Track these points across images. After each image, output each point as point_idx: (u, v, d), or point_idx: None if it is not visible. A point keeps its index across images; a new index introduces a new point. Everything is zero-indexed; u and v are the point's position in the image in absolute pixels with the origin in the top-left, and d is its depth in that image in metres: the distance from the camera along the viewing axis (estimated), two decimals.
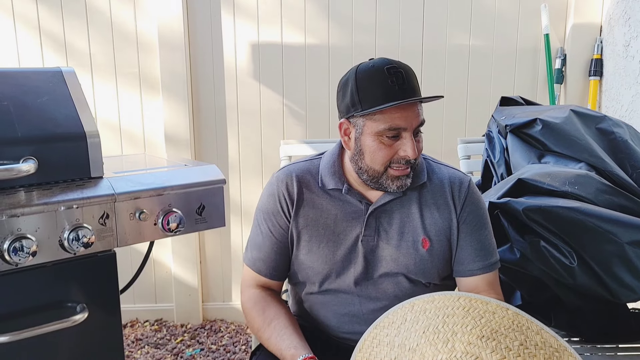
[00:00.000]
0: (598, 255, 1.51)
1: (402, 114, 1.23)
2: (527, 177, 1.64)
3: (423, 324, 0.99)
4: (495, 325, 0.97)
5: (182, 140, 2.74)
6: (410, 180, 1.30)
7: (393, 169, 1.27)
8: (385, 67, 1.23)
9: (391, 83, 1.22)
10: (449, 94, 2.80)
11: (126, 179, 1.28)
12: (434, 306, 1.02)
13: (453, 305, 1.01)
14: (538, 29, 2.74)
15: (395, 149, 1.25)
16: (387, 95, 1.21)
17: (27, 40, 2.64)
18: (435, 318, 0.99)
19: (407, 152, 1.24)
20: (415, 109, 1.25)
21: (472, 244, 1.35)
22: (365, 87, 1.24)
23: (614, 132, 1.83)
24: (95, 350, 1.27)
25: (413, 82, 1.25)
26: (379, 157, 1.26)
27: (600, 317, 1.63)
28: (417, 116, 1.25)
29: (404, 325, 1.02)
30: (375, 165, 1.27)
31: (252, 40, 2.73)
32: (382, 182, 1.29)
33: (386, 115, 1.23)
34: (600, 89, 2.70)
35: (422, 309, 1.03)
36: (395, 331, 1.02)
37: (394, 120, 1.23)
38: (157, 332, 2.87)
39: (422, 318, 1.01)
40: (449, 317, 0.99)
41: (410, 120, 1.24)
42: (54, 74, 1.30)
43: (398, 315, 1.05)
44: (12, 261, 1.09)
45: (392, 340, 1.00)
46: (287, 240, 1.38)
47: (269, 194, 1.40)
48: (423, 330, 0.98)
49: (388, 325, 1.04)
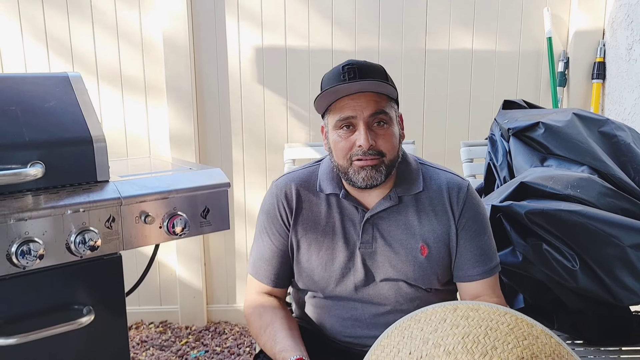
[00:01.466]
0: (600, 259, 1.51)
1: (352, 103, 1.25)
2: (530, 180, 1.65)
3: (464, 330, 0.97)
4: (537, 350, 0.94)
5: (186, 144, 2.76)
6: (380, 175, 1.27)
7: (355, 160, 1.27)
8: (342, 66, 1.27)
9: (342, 78, 1.25)
10: (452, 97, 2.81)
11: (132, 182, 1.29)
12: (477, 315, 1.00)
13: (498, 320, 0.99)
14: (541, 32, 2.75)
15: (352, 141, 1.26)
16: (336, 89, 1.25)
17: (33, 46, 2.66)
18: (477, 327, 0.97)
19: (360, 142, 1.24)
20: (368, 99, 1.25)
21: (471, 249, 1.34)
22: (324, 84, 1.30)
23: (616, 135, 1.84)
24: (101, 352, 1.28)
25: (367, 75, 1.25)
26: (339, 149, 1.28)
27: (603, 320, 1.63)
28: (368, 105, 1.25)
29: (442, 325, 1.00)
30: (339, 160, 1.30)
31: (256, 45, 2.75)
32: (351, 176, 1.29)
33: (338, 107, 1.27)
34: (603, 92, 2.70)
35: (465, 315, 1.01)
36: (431, 328, 1.00)
37: (342, 111, 1.26)
38: (162, 334, 2.89)
39: (464, 323, 0.99)
40: (492, 330, 0.97)
41: (360, 109, 1.25)
42: (61, 79, 1.31)
43: (438, 314, 1.02)
44: (19, 264, 1.10)
45: (426, 336, 0.98)
46: (288, 248, 1.38)
47: (269, 202, 1.41)
48: (462, 336, 0.96)
49: (424, 321, 1.02)
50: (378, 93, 1.26)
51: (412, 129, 2.81)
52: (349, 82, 1.23)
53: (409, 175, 1.36)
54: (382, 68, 1.31)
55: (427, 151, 2.80)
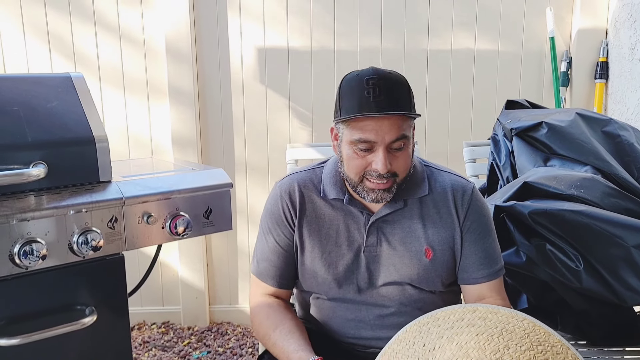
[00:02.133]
0: (604, 259, 1.51)
1: (374, 127, 1.19)
2: (533, 180, 1.64)
3: (479, 329, 0.99)
4: (550, 357, 0.95)
5: (189, 144, 2.76)
6: (390, 194, 1.26)
7: (368, 181, 1.25)
8: (365, 78, 1.21)
9: (367, 94, 1.19)
10: (454, 98, 2.81)
11: (134, 183, 1.29)
12: (495, 317, 1.02)
13: (515, 324, 1.00)
14: (543, 32, 2.74)
15: (368, 160, 1.23)
16: (360, 106, 1.19)
17: (36, 46, 2.67)
18: (493, 327, 0.99)
19: (377, 166, 1.21)
20: (390, 123, 1.19)
21: (476, 252, 1.34)
22: (345, 95, 1.24)
23: (619, 135, 1.83)
24: (103, 353, 1.28)
25: (392, 95, 1.20)
26: (353, 166, 1.25)
27: (607, 321, 1.63)
28: (390, 131, 1.20)
29: (459, 323, 1.02)
30: (350, 174, 1.27)
31: (258, 45, 2.75)
32: (360, 191, 1.28)
33: (359, 126, 1.21)
34: (606, 92, 2.70)
35: (483, 316, 1.02)
36: (448, 325, 1.02)
37: (364, 132, 1.20)
38: (164, 334, 2.89)
39: (480, 323, 1.00)
40: (507, 332, 0.98)
41: (382, 134, 1.19)
42: (64, 80, 1.31)
43: (456, 314, 1.05)
44: (22, 264, 1.10)
45: (441, 332, 1.01)
46: (292, 249, 1.38)
47: (273, 203, 1.40)
48: (477, 334, 0.98)
49: (442, 319, 1.05)
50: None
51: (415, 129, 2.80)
52: (375, 113, 1.17)
53: (414, 178, 1.35)
54: (406, 84, 1.25)
55: (430, 151, 2.79)
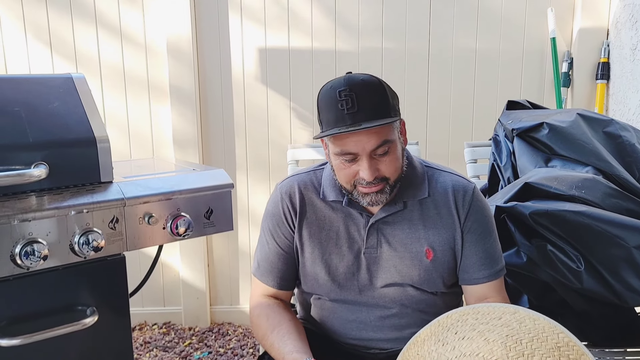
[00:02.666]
0: (605, 259, 1.50)
1: (352, 139, 1.19)
2: (534, 181, 1.64)
3: (511, 330, 1.01)
4: None
5: (190, 145, 2.76)
6: (385, 195, 1.26)
7: (360, 187, 1.25)
8: (337, 90, 1.19)
9: (340, 107, 1.18)
10: (455, 98, 2.81)
11: (135, 183, 1.29)
12: (532, 324, 1.02)
13: (549, 335, 1.00)
14: (545, 32, 2.74)
15: (355, 170, 1.23)
16: (336, 120, 1.19)
17: (37, 47, 2.67)
18: (526, 333, 1.00)
19: (363, 175, 1.21)
20: (368, 134, 1.18)
21: (477, 253, 1.33)
22: (322, 109, 1.24)
23: (621, 135, 1.83)
24: (105, 353, 1.28)
25: (365, 105, 1.18)
26: (342, 176, 1.26)
27: (608, 321, 1.63)
28: (369, 140, 1.19)
29: (495, 321, 1.04)
30: (342, 183, 1.28)
31: (259, 45, 2.75)
32: (355, 197, 1.28)
33: (338, 140, 1.21)
34: (607, 93, 2.69)
35: (520, 320, 1.03)
36: (484, 320, 1.05)
37: (344, 146, 1.20)
38: (165, 335, 2.89)
39: (515, 326, 1.02)
40: (538, 340, 0.99)
41: (361, 145, 1.19)
42: (65, 80, 1.31)
43: (496, 312, 1.06)
44: (23, 265, 1.10)
45: (476, 324, 1.04)
46: (293, 250, 1.38)
47: (273, 205, 1.40)
48: (507, 334, 0.99)
49: (482, 313, 1.07)
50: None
51: (416, 130, 2.81)
52: (351, 129, 1.16)
53: (414, 179, 1.35)
54: (380, 88, 1.22)
55: (431, 152, 2.79)
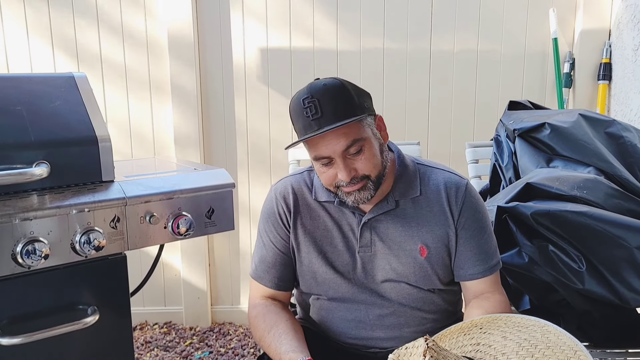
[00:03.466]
0: (607, 260, 1.50)
1: (322, 143, 1.22)
2: (536, 181, 1.64)
3: (530, 336, 1.03)
4: None
5: (191, 144, 2.76)
6: (369, 192, 1.26)
7: (342, 187, 1.26)
8: (302, 99, 1.22)
9: (306, 115, 1.21)
10: (457, 98, 2.80)
11: (137, 182, 1.29)
12: (555, 338, 1.03)
13: (565, 349, 1.00)
14: (546, 33, 2.74)
15: (333, 172, 1.25)
16: (305, 128, 1.22)
17: (39, 46, 2.67)
18: (544, 342, 1.02)
19: (341, 177, 1.23)
20: (336, 136, 1.20)
21: (472, 249, 1.33)
22: (293, 119, 1.27)
23: (623, 136, 1.83)
24: (105, 353, 1.28)
25: (327, 110, 1.20)
26: (324, 179, 1.28)
27: (609, 322, 1.62)
28: (338, 142, 1.20)
29: (524, 329, 1.06)
30: (326, 185, 1.30)
31: (261, 45, 2.75)
32: (341, 197, 1.29)
33: (310, 146, 1.24)
34: (609, 93, 2.69)
35: (545, 332, 1.05)
36: (512, 324, 1.08)
37: (317, 151, 1.23)
38: (166, 334, 2.89)
39: (537, 335, 1.04)
40: (552, 350, 0.99)
41: (332, 147, 1.21)
42: (66, 79, 1.32)
43: (528, 322, 1.09)
44: (24, 264, 1.10)
45: (503, 327, 1.08)
46: (289, 251, 1.39)
47: (268, 206, 1.42)
48: (525, 338, 1.03)
49: (514, 322, 1.10)
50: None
51: (417, 130, 2.81)
52: (316, 133, 1.18)
53: (406, 178, 1.35)
54: (342, 89, 1.23)
55: (432, 152, 2.79)
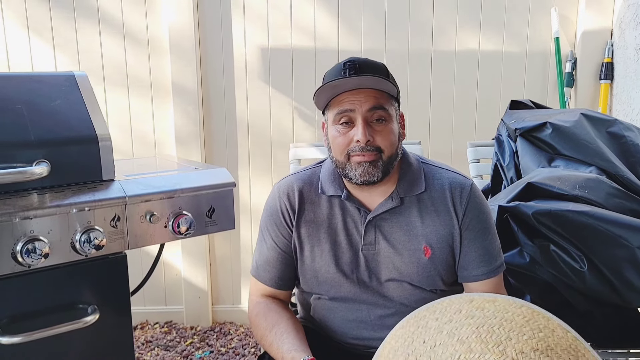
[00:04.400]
0: (608, 260, 1.50)
1: (350, 98, 1.25)
2: (537, 180, 1.64)
3: (478, 320, 0.98)
4: (552, 343, 0.94)
5: (192, 143, 2.76)
6: (377, 170, 1.26)
7: (353, 156, 1.27)
8: (343, 62, 1.27)
9: (343, 73, 1.25)
10: (458, 98, 2.80)
11: (137, 181, 1.29)
12: (493, 306, 1.00)
13: (514, 312, 0.99)
14: (548, 32, 2.73)
15: (350, 136, 1.26)
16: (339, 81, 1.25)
17: (40, 45, 2.67)
18: (492, 318, 0.98)
19: (357, 137, 1.24)
20: (367, 94, 1.25)
21: (476, 249, 1.33)
22: (324, 80, 1.30)
23: (624, 135, 1.82)
24: (106, 352, 1.28)
25: (366, 69, 1.25)
26: (337, 144, 1.28)
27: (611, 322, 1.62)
28: (367, 100, 1.25)
29: (457, 315, 1.00)
30: (337, 155, 1.29)
31: (262, 45, 2.75)
32: (348, 172, 1.28)
33: (337, 101, 1.27)
34: (611, 93, 2.68)
35: (480, 306, 1.01)
36: (446, 319, 1.00)
37: (341, 104, 1.26)
38: (166, 334, 2.89)
39: (479, 314, 0.99)
40: (507, 321, 0.97)
41: (359, 104, 1.25)
42: (67, 78, 1.31)
43: (453, 305, 1.03)
44: (25, 263, 1.10)
45: (440, 326, 0.99)
46: (291, 250, 1.38)
47: (271, 204, 1.41)
48: (477, 326, 0.96)
49: (439, 311, 1.03)
50: (378, 90, 1.26)
51: (419, 129, 2.80)
52: (348, 77, 1.23)
53: (410, 175, 1.35)
54: (384, 66, 1.30)
55: (434, 151, 2.79)
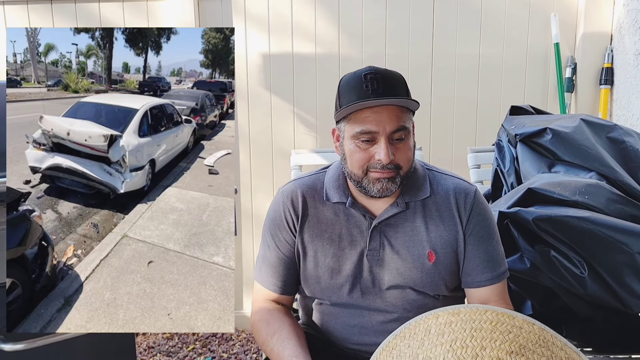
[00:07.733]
0: (609, 265, 1.50)
1: (374, 117, 1.22)
2: (537, 186, 1.64)
3: (449, 337, 0.97)
4: (523, 341, 0.95)
5: None
6: (395, 185, 1.26)
7: (372, 172, 1.26)
8: (363, 74, 1.25)
9: (365, 88, 1.23)
10: (459, 103, 2.81)
11: None
12: (459, 319, 1.00)
13: (480, 319, 0.99)
14: (548, 38, 2.74)
15: (371, 153, 1.25)
16: (359, 98, 1.22)
17: None
18: (462, 331, 0.97)
19: (380, 157, 1.23)
20: (389, 114, 1.22)
21: (480, 255, 1.33)
22: (344, 92, 1.28)
23: (624, 141, 1.83)
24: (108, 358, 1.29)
25: (389, 86, 1.23)
26: (356, 160, 1.26)
27: (612, 327, 1.62)
28: (390, 120, 1.22)
29: (428, 337, 0.99)
30: (354, 169, 1.28)
31: (263, 51, 2.76)
32: (365, 185, 1.28)
33: (359, 118, 1.24)
34: (611, 98, 2.69)
35: (448, 321, 1.00)
36: (418, 342, 0.99)
37: (365, 124, 1.23)
38: (169, 340, 2.89)
39: (448, 330, 0.98)
40: (477, 331, 0.97)
41: (382, 124, 1.22)
42: None
43: (421, 326, 1.02)
44: None
45: (414, 352, 0.97)
46: (294, 255, 1.38)
47: (275, 209, 1.40)
48: (450, 344, 0.95)
49: (409, 336, 1.01)
50: (400, 107, 1.25)
51: (419, 135, 2.78)
52: (375, 99, 1.20)
53: (415, 181, 1.35)
54: (402, 79, 1.29)
55: (434, 157, 2.79)
